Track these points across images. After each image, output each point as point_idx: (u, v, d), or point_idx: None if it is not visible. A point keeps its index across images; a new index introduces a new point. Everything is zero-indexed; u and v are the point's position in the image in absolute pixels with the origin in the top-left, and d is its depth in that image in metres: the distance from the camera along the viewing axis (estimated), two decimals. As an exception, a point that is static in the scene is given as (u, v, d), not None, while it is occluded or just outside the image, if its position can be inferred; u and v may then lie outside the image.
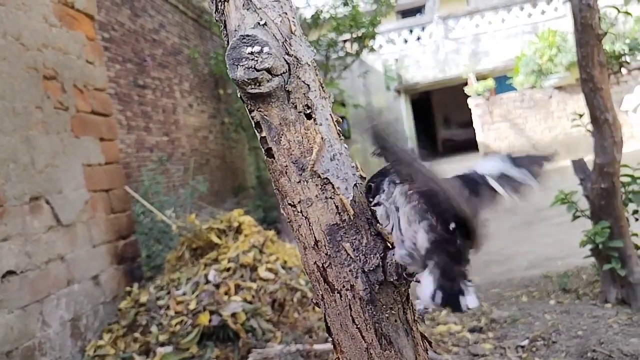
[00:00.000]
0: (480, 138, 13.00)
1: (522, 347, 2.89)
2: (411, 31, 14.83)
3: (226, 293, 3.21)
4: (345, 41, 10.20)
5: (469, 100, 13.27)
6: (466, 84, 13.81)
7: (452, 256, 0.90)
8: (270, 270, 3.45)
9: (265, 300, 3.23)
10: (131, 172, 7.15)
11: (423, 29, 14.79)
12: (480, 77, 13.74)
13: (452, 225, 0.91)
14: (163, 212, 4.84)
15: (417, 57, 14.58)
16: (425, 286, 0.88)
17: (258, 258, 3.51)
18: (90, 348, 3.15)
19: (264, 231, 3.90)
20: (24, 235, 2.81)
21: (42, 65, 3.16)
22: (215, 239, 3.74)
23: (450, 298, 0.86)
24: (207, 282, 3.31)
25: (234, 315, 3.00)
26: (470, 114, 13.41)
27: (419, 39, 14.75)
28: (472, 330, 3.32)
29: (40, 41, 3.16)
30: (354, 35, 9.78)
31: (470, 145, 13.37)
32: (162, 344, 2.95)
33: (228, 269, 3.42)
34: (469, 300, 0.86)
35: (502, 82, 13.52)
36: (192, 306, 3.11)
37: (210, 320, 2.96)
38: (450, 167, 1.05)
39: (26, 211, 2.85)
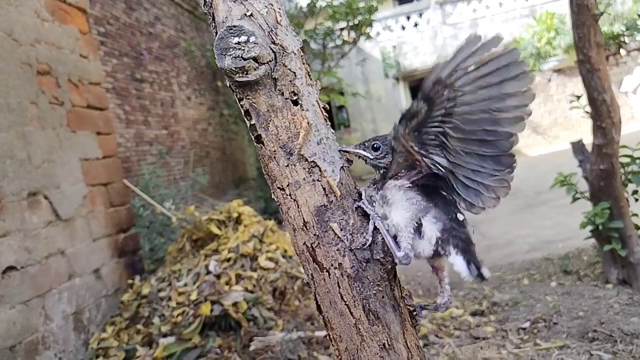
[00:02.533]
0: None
1: (524, 329, 2.90)
2: (408, 17, 14.74)
3: (227, 283, 3.22)
4: (342, 29, 10.13)
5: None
6: (465, 69, 13.71)
7: (464, 238, 1.03)
8: (270, 259, 3.46)
9: (266, 289, 3.24)
10: (131, 166, 7.16)
11: (420, 15, 14.69)
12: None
13: (461, 217, 1.05)
14: (163, 205, 4.85)
15: (415, 43, 14.49)
16: (459, 265, 1.01)
17: (258, 247, 3.52)
18: (93, 341, 3.17)
19: (264, 221, 3.91)
20: (23, 230, 2.82)
21: (36, 61, 3.14)
22: (215, 230, 3.75)
23: (479, 269, 1.01)
24: (208, 272, 3.32)
25: (235, 304, 3.01)
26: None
27: (416, 25, 14.66)
28: (473, 314, 3.33)
29: (32, 36, 3.15)
30: (351, 23, 9.71)
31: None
32: (165, 335, 2.97)
33: (228, 259, 3.42)
34: (485, 271, 1.01)
35: (501, 67, 13.42)
36: (193, 297, 3.12)
37: (211, 310, 2.97)
38: None
39: (24, 207, 2.86)
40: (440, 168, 1.03)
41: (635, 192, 3.32)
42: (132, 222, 4.00)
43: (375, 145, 1.10)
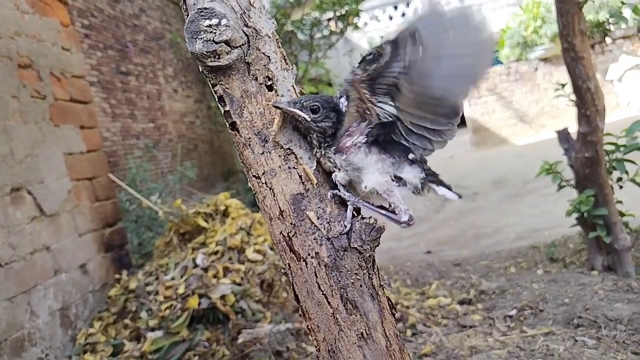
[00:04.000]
0: (467, 112, 12.99)
1: (510, 317, 2.92)
2: (396, 7, 14.69)
3: (215, 276, 3.21)
4: (329, 19, 10.07)
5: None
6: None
7: (432, 172, 1.09)
8: (258, 251, 3.45)
9: (254, 281, 3.24)
10: (118, 160, 7.09)
11: (408, 4, 14.65)
12: (467, 52, 13.66)
13: (412, 156, 1.06)
14: (149, 199, 4.81)
15: (403, 33, 14.44)
16: (445, 193, 1.08)
17: (246, 240, 3.51)
18: (81, 336, 3.15)
19: (251, 213, 3.89)
20: (6, 226, 2.78)
21: (16, 54, 3.09)
22: (202, 223, 3.73)
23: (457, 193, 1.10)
24: (196, 266, 3.31)
25: (223, 297, 3.01)
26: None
27: (403, 14, 14.62)
28: (461, 303, 3.35)
29: (12, 29, 3.09)
30: (338, 14, 9.65)
31: (458, 120, 13.36)
32: (153, 329, 2.96)
33: (216, 252, 3.41)
34: (458, 192, 1.12)
35: (489, 56, 13.45)
36: (181, 290, 3.11)
37: (199, 304, 2.97)
38: None
39: (7, 202, 2.82)
40: (388, 116, 1.03)
41: (619, 179, 3.35)
42: (119, 216, 3.97)
43: (313, 107, 1.03)
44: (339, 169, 1.05)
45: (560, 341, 2.39)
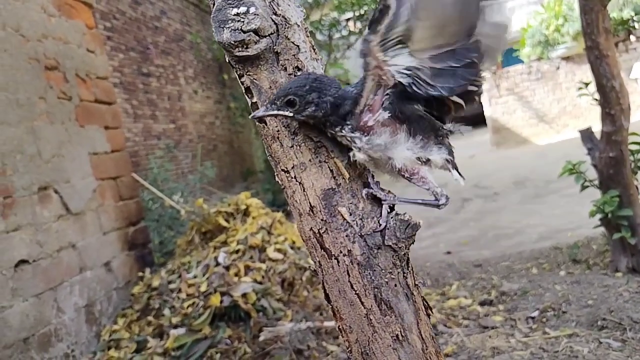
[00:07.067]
0: (488, 112, 12.88)
1: (533, 318, 2.90)
2: (415, 7, 14.61)
3: (236, 274, 3.25)
4: (348, 20, 10.09)
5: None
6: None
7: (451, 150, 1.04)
8: (279, 250, 3.47)
9: (275, 280, 3.26)
10: (139, 160, 7.19)
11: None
12: (487, 51, 13.53)
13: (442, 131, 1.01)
14: (171, 198, 4.88)
15: (422, 33, 14.36)
16: (456, 175, 1.05)
17: (266, 239, 3.54)
18: (105, 333, 3.21)
19: (272, 213, 3.92)
20: (34, 224, 2.85)
21: (43, 56, 3.16)
22: (223, 222, 3.77)
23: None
24: (217, 264, 3.34)
25: (244, 295, 3.03)
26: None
27: (423, 14, 14.53)
28: (482, 304, 3.33)
29: (40, 32, 3.16)
30: (357, 14, 9.66)
31: (478, 120, 13.26)
32: (175, 326, 3.00)
33: (237, 251, 3.44)
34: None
35: (509, 55, 13.32)
36: (203, 288, 3.15)
37: (221, 302, 3.00)
38: (459, 143, 1.06)
39: (35, 201, 2.89)
40: (404, 72, 0.92)
41: (644, 179, 3.30)
42: (142, 215, 4.03)
43: (290, 100, 0.94)
44: (359, 150, 0.97)
45: (584, 343, 2.37)
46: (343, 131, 0.96)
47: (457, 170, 1.05)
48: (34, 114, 3.00)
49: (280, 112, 0.96)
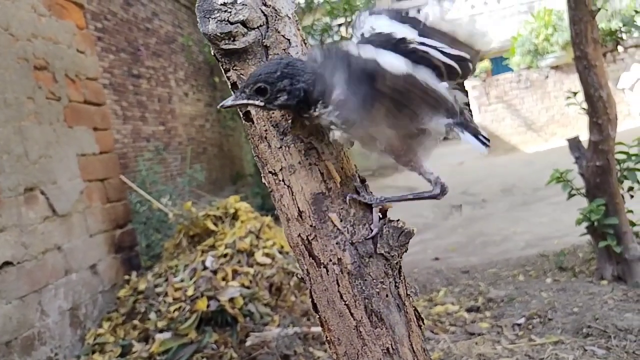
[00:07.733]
0: (477, 119, 12.97)
1: (519, 325, 2.91)
2: (407, 14, 14.71)
3: (223, 279, 3.23)
4: (340, 25, 10.11)
5: (465, 82, 13.21)
6: (462, 66, 13.74)
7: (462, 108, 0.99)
8: (267, 255, 3.46)
9: (263, 284, 3.25)
10: (128, 162, 7.14)
11: (419, 11, 14.61)
12: (477, 59, 13.68)
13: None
14: (159, 201, 4.85)
15: (413, 40, 14.46)
16: (470, 141, 0.96)
17: (255, 243, 3.53)
18: (89, 336, 3.17)
19: (261, 217, 3.91)
20: (19, 226, 2.82)
21: (33, 56, 3.13)
22: (211, 226, 3.75)
23: (484, 138, 1.00)
24: (205, 268, 3.32)
25: (231, 300, 3.02)
26: (467, 95, 13.38)
27: (414, 21, 14.63)
28: (469, 310, 3.34)
29: (29, 31, 3.14)
30: (349, 19, 9.69)
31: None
32: (161, 330, 2.97)
33: (225, 255, 3.43)
34: (485, 135, 1.01)
35: (499, 63, 13.47)
36: (189, 292, 3.13)
37: (208, 306, 2.98)
38: (448, 150, 1.02)
39: (21, 202, 2.85)
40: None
41: (630, 188, 3.33)
42: (129, 217, 4.00)
43: (260, 88, 0.85)
44: (336, 126, 0.86)
45: (570, 350, 2.38)
46: (317, 110, 0.86)
47: (474, 133, 0.93)
48: (22, 114, 2.97)
49: (250, 102, 0.87)
